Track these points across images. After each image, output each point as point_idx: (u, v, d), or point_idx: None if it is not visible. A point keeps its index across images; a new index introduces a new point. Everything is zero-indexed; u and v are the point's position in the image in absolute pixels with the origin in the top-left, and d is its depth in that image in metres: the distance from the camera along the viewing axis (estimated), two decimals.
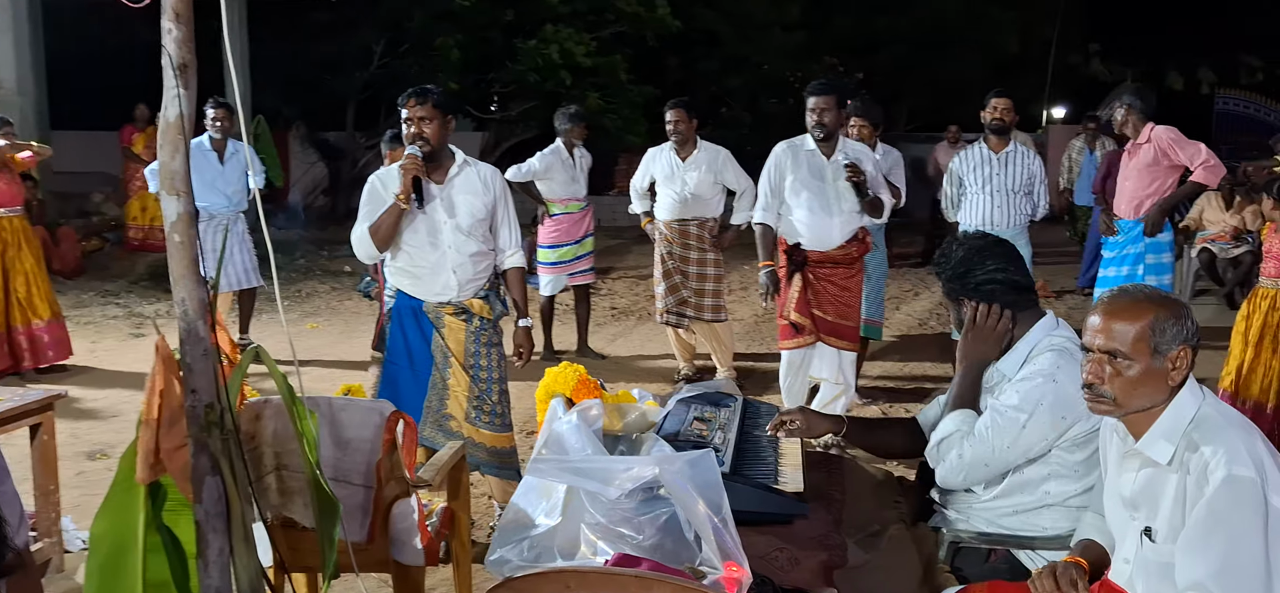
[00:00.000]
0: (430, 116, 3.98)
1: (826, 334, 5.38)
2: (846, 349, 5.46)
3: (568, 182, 7.44)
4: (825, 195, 5.27)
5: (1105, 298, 2.28)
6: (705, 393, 3.33)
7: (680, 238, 6.75)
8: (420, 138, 3.99)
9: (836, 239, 5.31)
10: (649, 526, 2.43)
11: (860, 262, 5.46)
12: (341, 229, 13.88)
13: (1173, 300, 2.22)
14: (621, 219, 17.72)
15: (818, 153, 5.30)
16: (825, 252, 5.30)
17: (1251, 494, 2.03)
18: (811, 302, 5.34)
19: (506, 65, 15.72)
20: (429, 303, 4.09)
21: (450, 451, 3.31)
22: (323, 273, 11.43)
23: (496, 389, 4.18)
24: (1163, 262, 5.84)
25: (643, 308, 10.02)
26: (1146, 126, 5.77)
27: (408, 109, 3.99)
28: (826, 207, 5.27)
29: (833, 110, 5.20)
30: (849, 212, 5.28)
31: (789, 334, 5.44)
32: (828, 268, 5.32)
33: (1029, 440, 2.66)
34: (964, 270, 2.86)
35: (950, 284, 2.91)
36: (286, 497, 2.72)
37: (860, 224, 5.37)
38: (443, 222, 4.08)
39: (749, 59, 18.54)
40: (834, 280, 5.35)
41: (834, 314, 5.36)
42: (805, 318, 5.33)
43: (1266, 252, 5.12)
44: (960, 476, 2.75)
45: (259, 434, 2.71)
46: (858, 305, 5.50)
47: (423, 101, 3.97)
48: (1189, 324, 2.18)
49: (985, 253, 2.85)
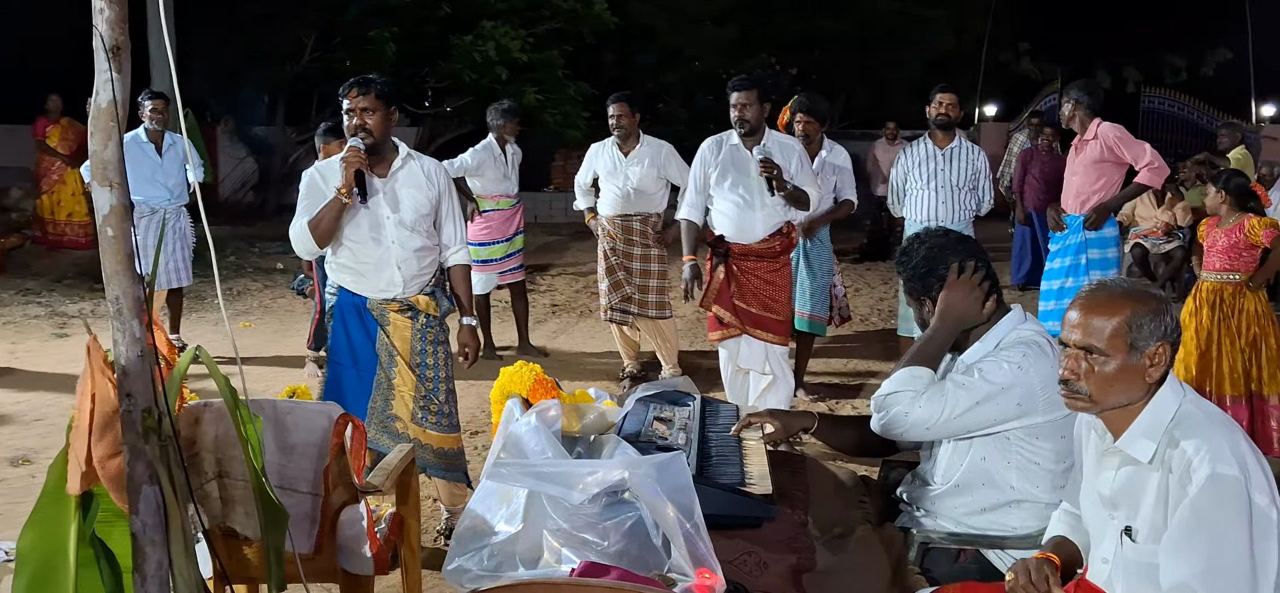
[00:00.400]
0: (373, 107, 3.84)
1: (751, 326, 5.40)
2: (773, 342, 5.44)
3: (499, 178, 7.30)
4: (748, 189, 5.30)
5: (1083, 293, 2.23)
6: (663, 392, 3.24)
7: (624, 234, 6.66)
8: (363, 130, 3.84)
9: (759, 233, 5.32)
10: (614, 531, 2.34)
11: (785, 256, 5.46)
12: (272, 226, 13.60)
13: (1152, 296, 2.18)
14: (558, 215, 17.61)
15: (741, 147, 5.30)
16: (748, 245, 5.34)
17: (1235, 493, 2.00)
18: (735, 294, 5.37)
19: (441, 62, 15.49)
20: (373, 300, 3.94)
21: (399, 454, 3.18)
22: (254, 270, 11.13)
23: (444, 389, 4.05)
24: (1108, 257, 5.87)
25: (583, 304, 9.91)
26: (1094, 123, 5.80)
27: (350, 100, 3.84)
28: (749, 201, 5.30)
29: (754, 105, 5.20)
30: (772, 206, 5.29)
31: (715, 326, 5.49)
32: (751, 261, 5.35)
33: (980, 417, 2.63)
34: (928, 268, 2.81)
35: (915, 283, 2.85)
36: (228, 506, 2.58)
37: (785, 219, 5.38)
38: (386, 217, 3.93)
39: (684, 54, 18.53)
40: (758, 273, 5.37)
41: (758, 307, 5.38)
42: (727, 310, 5.36)
43: (1209, 247, 5.16)
44: (900, 428, 2.72)
45: (199, 440, 2.56)
46: (785, 299, 5.49)
47: (366, 91, 3.83)
48: (1168, 320, 2.14)
49: (951, 249, 2.80)
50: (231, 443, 2.55)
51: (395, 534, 3.16)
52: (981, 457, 2.68)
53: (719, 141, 5.41)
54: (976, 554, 2.72)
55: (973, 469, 2.70)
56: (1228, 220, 5.07)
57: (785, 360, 5.52)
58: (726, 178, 5.32)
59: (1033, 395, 2.59)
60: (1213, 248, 5.12)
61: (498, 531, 2.42)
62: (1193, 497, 2.02)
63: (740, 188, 5.30)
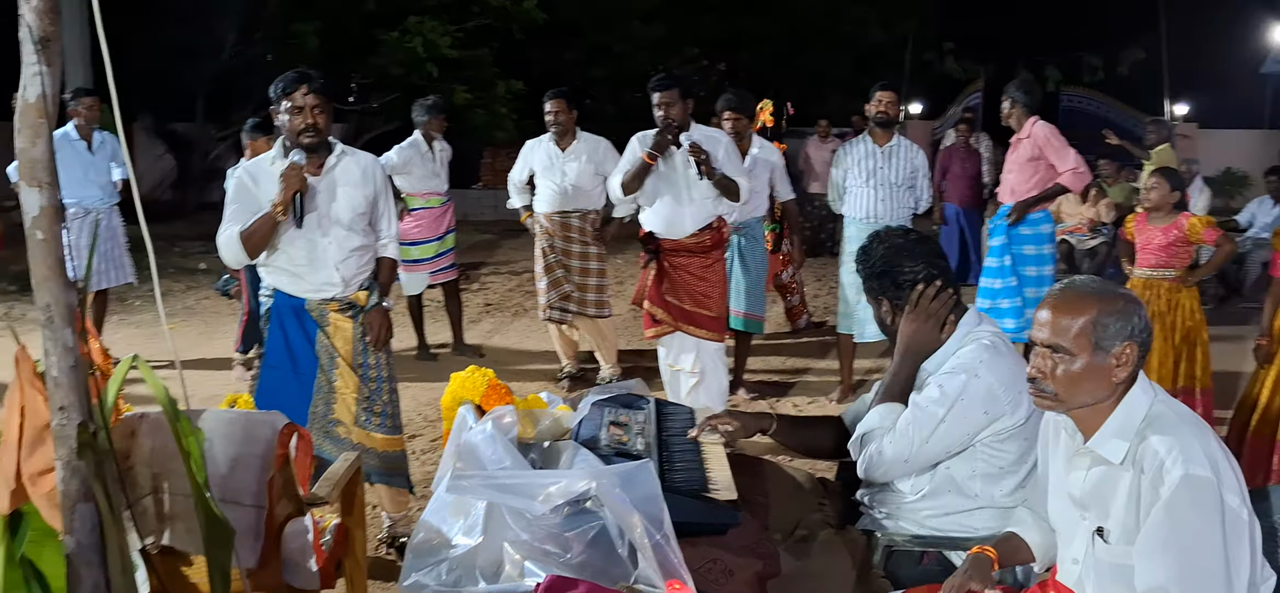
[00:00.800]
0: (323, 106, 3.70)
1: (683, 322, 5.39)
2: (707, 338, 5.42)
3: (428, 176, 7.16)
4: (676, 185, 5.28)
5: (1053, 292, 2.22)
6: (617, 395, 3.17)
7: (562, 231, 6.57)
8: (313, 129, 3.69)
9: (688, 228, 5.31)
10: (577, 542, 2.26)
11: (717, 251, 5.45)
12: (193, 224, 13.23)
13: (1120, 296, 2.16)
14: (488, 213, 17.43)
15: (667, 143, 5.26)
16: (678, 240, 5.32)
17: (1208, 494, 1.99)
18: (667, 290, 5.36)
19: (368, 57, 15.21)
20: (312, 301, 3.79)
21: (345, 462, 3.06)
22: (176, 271, 10.82)
23: (387, 389, 3.93)
24: (1044, 253, 5.94)
25: (517, 303, 9.80)
26: (1030, 121, 5.86)
27: (298, 97, 3.65)
28: (677, 196, 5.28)
29: (677, 103, 5.18)
30: (700, 200, 5.27)
31: (649, 323, 5.47)
32: (682, 257, 5.33)
33: (950, 435, 2.60)
34: (886, 268, 2.78)
35: (873, 282, 2.82)
36: (166, 521, 2.44)
37: (715, 213, 5.36)
38: (323, 215, 3.79)
39: (612, 51, 18.47)
40: (689, 270, 5.36)
41: (690, 303, 5.37)
42: (659, 307, 5.34)
43: (1144, 244, 5.22)
44: (881, 471, 2.67)
45: (134, 453, 2.42)
46: (717, 295, 5.47)
47: (315, 87, 3.67)
48: (1136, 320, 2.13)
49: (909, 251, 2.77)
50: (169, 456, 2.41)
51: (340, 546, 3.04)
52: (947, 467, 2.66)
53: (645, 138, 5.37)
54: (940, 556, 2.69)
55: (939, 478, 2.68)
56: (1163, 218, 5.14)
57: (719, 358, 5.50)
58: (655, 174, 5.29)
59: (996, 398, 2.57)
60: (1147, 245, 5.18)
61: (456, 544, 2.32)
62: (1166, 499, 2.01)
63: (668, 183, 5.27)
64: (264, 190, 3.73)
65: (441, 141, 7.32)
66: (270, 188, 3.71)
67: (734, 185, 5.24)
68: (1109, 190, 10.84)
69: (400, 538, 4.16)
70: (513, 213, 7.20)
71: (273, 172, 3.73)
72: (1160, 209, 5.13)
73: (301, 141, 3.71)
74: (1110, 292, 2.17)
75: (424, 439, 5.54)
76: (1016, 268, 5.94)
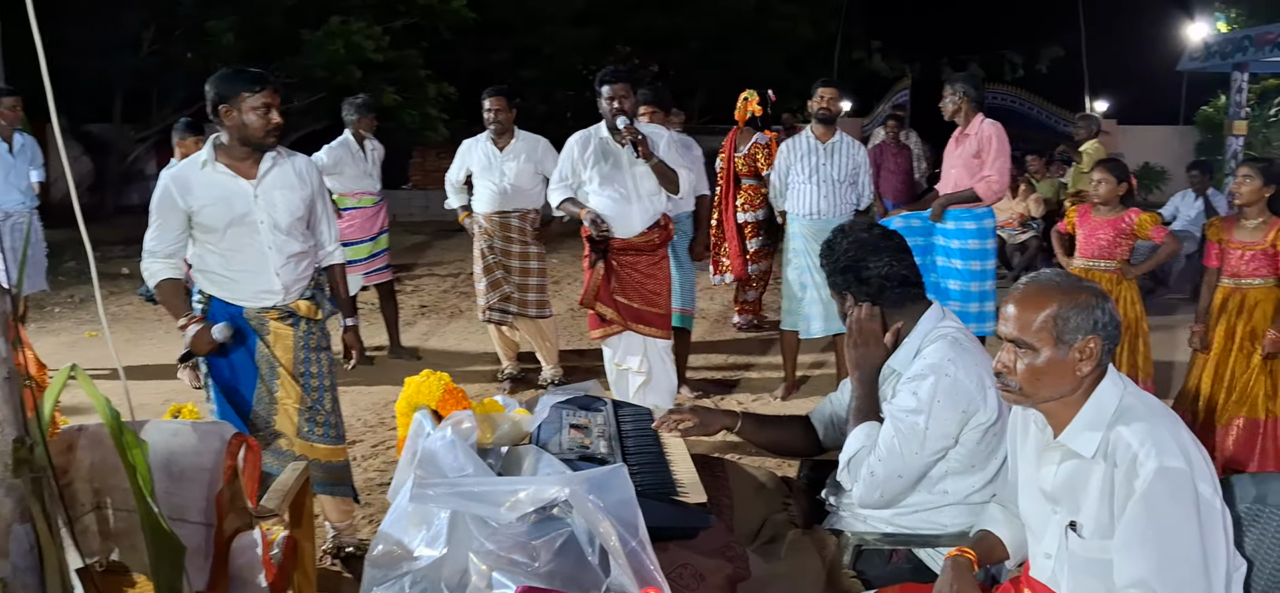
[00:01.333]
0: (278, 105, 3.57)
1: (633, 321, 5.32)
2: (655, 336, 5.38)
3: (359, 175, 6.99)
4: (623, 183, 5.21)
5: (1018, 286, 2.20)
6: (574, 396, 3.10)
7: (501, 231, 6.46)
8: (276, 130, 3.57)
9: (637, 226, 5.24)
10: (545, 550, 2.19)
11: (664, 249, 5.40)
12: (113, 228, 12.82)
13: (1083, 290, 2.14)
14: (418, 214, 17.21)
15: (611, 141, 5.22)
16: (627, 239, 5.24)
17: (1183, 486, 1.98)
18: (615, 290, 5.28)
19: (289, 56, 14.87)
20: (250, 309, 3.63)
21: (294, 473, 2.93)
22: (98, 275, 10.43)
23: (329, 397, 3.79)
24: (987, 248, 5.97)
25: (453, 304, 9.65)
26: (977, 118, 5.86)
27: (263, 97, 3.51)
28: (625, 194, 5.21)
29: (630, 97, 5.13)
30: (648, 198, 5.22)
31: (597, 323, 5.39)
32: (630, 255, 5.26)
33: (934, 440, 2.57)
34: (850, 263, 2.74)
35: (837, 277, 2.78)
36: (109, 539, 2.31)
37: (661, 210, 5.30)
38: (260, 221, 3.62)
39: (541, 51, 18.35)
40: (637, 268, 5.30)
41: (639, 301, 5.31)
42: (608, 307, 5.27)
43: (1087, 235, 5.25)
44: (877, 493, 2.62)
45: (73, 468, 2.28)
46: (665, 292, 5.42)
47: (275, 86, 3.55)
48: (1098, 314, 2.11)
49: (874, 247, 2.73)
50: (111, 470, 2.28)
51: (290, 560, 2.92)
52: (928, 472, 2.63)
53: (587, 136, 5.29)
54: (909, 554, 2.66)
55: None
56: (1110, 211, 5.19)
57: (667, 355, 5.44)
58: (600, 173, 5.21)
59: (970, 394, 2.55)
60: (1092, 236, 5.22)
61: (418, 555, 2.23)
62: (1142, 493, 2.00)
63: (615, 182, 5.20)
64: (195, 198, 3.56)
65: (373, 140, 7.16)
66: (201, 195, 3.55)
67: (672, 173, 5.17)
68: (1037, 186, 11.02)
69: (346, 548, 4.03)
70: (447, 213, 7.07)
71: (203, 177, 3.58)
72: (1108, 202, 5.18)
73: (265, 143, 3.58)
74: (1073, 286, 2.15)
75: (365, 445, 5.40)
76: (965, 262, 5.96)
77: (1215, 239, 4.89)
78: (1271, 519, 2.23)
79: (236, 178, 3.59)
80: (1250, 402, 4.82)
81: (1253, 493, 2.27)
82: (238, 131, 3.53)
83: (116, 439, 2.05)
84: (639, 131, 5.03)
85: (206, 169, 3.58)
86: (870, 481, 2.59)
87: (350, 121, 7.01)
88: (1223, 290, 4.86)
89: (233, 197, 3.57)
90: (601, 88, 5.11)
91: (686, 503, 2.44)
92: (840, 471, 2.68)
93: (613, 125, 5.12)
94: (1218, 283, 4.89)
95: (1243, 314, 4.80)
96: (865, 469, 2.60)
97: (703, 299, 8.85)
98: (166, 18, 14.21)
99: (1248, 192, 4.72)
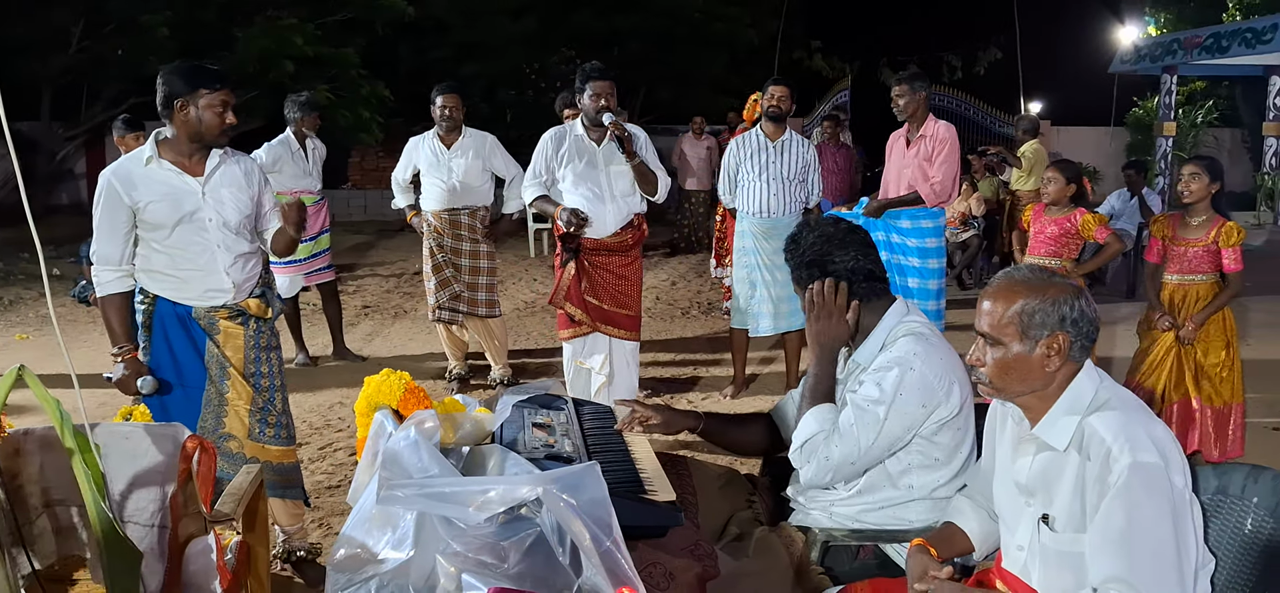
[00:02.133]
0: (231, 104, 3.48)
1: (601, 322, 5.30)
2: (623, 338, 5.37)
3: (299, 174, 6.86)
4: (598, 182, 5.18)
5: (991, 281, 2.21)
6: (534, 395, 3.06)
7: (451, 229, 6.38)
8: (231, 129, 3.49)
9: (610, 226, 5.22)
10: (514, 551, 2.14)
11: (636, 250, 5.38)
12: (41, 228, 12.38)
13: (1052, 286, 2.14)
14: (358, 214, 17.01)
15: (586, 138, 5.19)
16: (599, 239, 5.21)
17: (1157, 480, 1.99)
18: (586, 290, 5.24)
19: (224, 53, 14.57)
20: (199, 308, 3.54)
21: (247, 476, 2.85)
22: (27, 277, 10.16)
23: (280, 397, 3.71)
24: (942, 246, 6.04)
25: (397, 304, 9.53)
26: (929, 118, 5.92)
27: (221, 95, 3.42)
28: (599, 193, 5.18)
29: (614, 95, 5.09)
30: (622, 198, 5.20)
31: (566, 323, 5.34)
32: (603, 255, 5.23)
33: (893, 431, 2.56)
34: (816, 256, 2.72)
35: (802, 271, 2.76)
36: (65, 536, 2.23)
37: (635, 211, 5.28)
38: (208, 219, 3.53)
39: (481, 48, 18.19)
40: (610, 268, 5.27)
41: (610, 302, 5.29)
42: (579, 307, 5.23)
43: (1037, 233, 5.29)
44: (828, 475, 2.60)
45: (22, 472, 2.20)
46: (636, 294, 5.41)
47: (230, 85, 3.47)
48: (1067, 309, 2.10)
49: (841, 241, 2.71)
50: (62, 469, 2.21)
51: (243, 565, 2.84)
52: (881, 462, 2.63)
53: (562, 133, 5.25)
54: (877, 549, 2.66)
55: (874, 473, 2.64)
56: (1059, 210, 5.25)
57: (633, 358, 5.44)
58: (574, 171, 5.17)
59: (932, 389, 2.55)
60: (1041, 234, 5.29)
61: (384, 559, 2.17)
62: (1117, 489, 2.00)
63: (589, 181, 5.16)
64: (140, 194, 3.45)
65: (314, 139, 7.04)
66: (146, 192, 3.44)
67: (653, 175, 5.16)
68: (979, 185, 11.17)
69: (297, 552, 3.95)
70: (389, 213, 7.01)
71: (147, 173, 3.46)
72: (1057, 202, 5.23)
73: (218, 142, 3.51)
74: (1041, 282, 2.16)
75: (311, 449, 5.30)
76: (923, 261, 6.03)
77: (1159, 236, 4.98)
78: (1233, 511, 2.26)
79: (183, 175, 3.49)
80: (1184, 387, 4.93)
81: (1213, 484, 2.30)
82: (190, 129, 3.43)
83: (70, 443, 1.98)
84: (625, 128, 5.00)
85: (151, 165, 3.47)
86: (825, 464, 2.57)
87: (293, 120, 6.88)
88: (1168, 288, 4.94)
89: (180, 194, 3.47)
90: (585, 85, 5.06)
91: (656, 501, 2.41)
92: (792, 451, 2.65)
93: (595, 121, 5.07)
94: (1161, 279, 4.98)
95: (1185, 308, 4.89)
96: (821, 454, 2.57)
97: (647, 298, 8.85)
98: (96, 13, 13.83)
99: (1197, 188, 4.80)
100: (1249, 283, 5.39)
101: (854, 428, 2.55)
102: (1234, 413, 4.96)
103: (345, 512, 4.38)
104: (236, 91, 3.59)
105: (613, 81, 5.11)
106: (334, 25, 15.88)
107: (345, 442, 5.40)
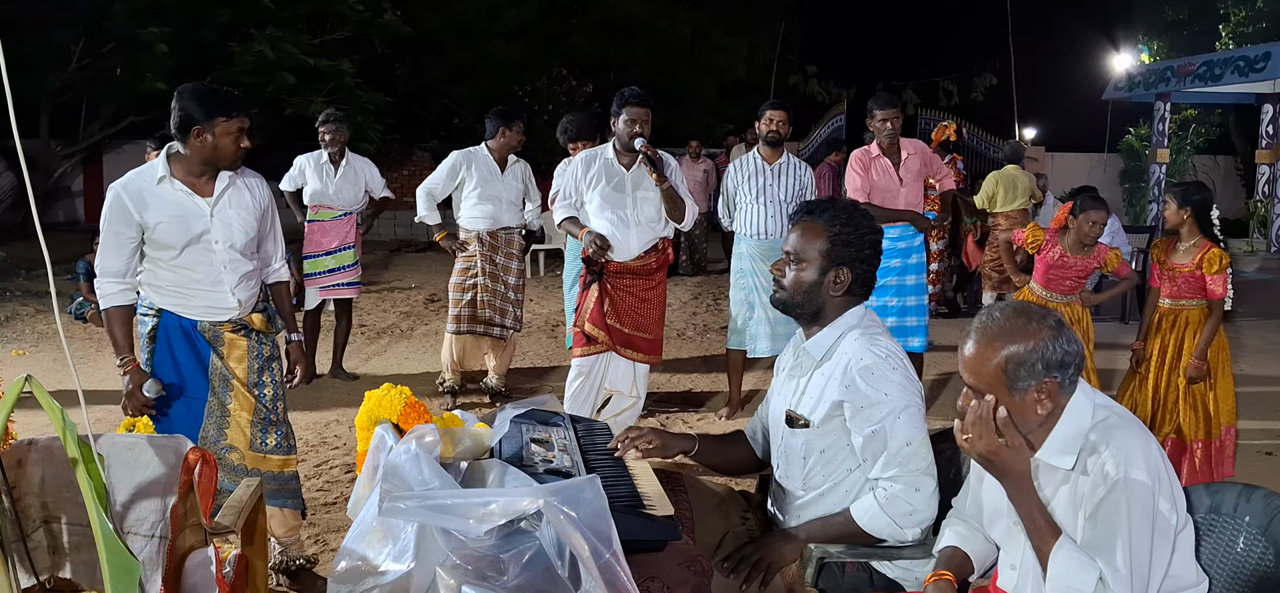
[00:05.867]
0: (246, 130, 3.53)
1: (620, 345, 5.35)
2: (642, 362, 5.41)
3: (319, 190, 6.97)
4: (623, 206, 5.25)
5: (971, 330, 2.19)
6: (531, 410, 3.08)
7: (505, 246, 6.56)
8: (246, 154, 3.55)
9: (634, 250, 5.28)
10: (514, 564, 2.16)
11: (660, 273, 5.42)
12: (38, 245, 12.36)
13: (1031, 330, 2.10)
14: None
15: (615, 163, 5.27)
16: (624, 262, 5.27)
17: (1144, 499, 2.01)
18: (608, 312, 5.28)
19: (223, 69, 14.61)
20: (204, 322, 3.57)
21: (248, 488, 2.87)
22: (24, 294, 10.15)
23: (280, 407, 3.74)
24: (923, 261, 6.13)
25: (396, 326, 9.53)
26: (902, 140, 6.06)
27: (238, 122, 3.47)
28: (624, 217, 5.25)
29: (649, 121, 5.18)
30: (647, 222, 5.27)
31: (582, 342, 5.36)
32: (627, 279, 5.29)
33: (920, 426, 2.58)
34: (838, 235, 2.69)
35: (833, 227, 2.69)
36: (63, 555, 2.24)
37: (660, 235, 5.34)
38: (216, 241, 3.56)
39: (477, 68, 18.26)
40: (633, 292, 5.33)
41: (630, 326, 5.34)
42: (599, 328, 5.25)
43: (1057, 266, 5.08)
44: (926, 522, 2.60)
45: (23, 483, 2.21)
46: (658, 318, 5.47)
47: (247, 112, 3.52)
48: (1050, 352, 2.08)
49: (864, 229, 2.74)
50: (62, 484, 2.22)
51: (242, 578, 2.85)
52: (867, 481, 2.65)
53: (592, 156, 5.32)
54: (866, 566, 2.68)
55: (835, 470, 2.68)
56: (1086, 250, 5.12)
57: (644, 379, 5.50)
58: (601, 194, 5.23)
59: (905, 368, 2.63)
60: (1061, 271, 5.10)
61: (384, 570, 2.19)
62: (1104, 500, 2.03)
63: (615, 205, 5.22)
64: (150, 214, 3.47)
65: (354, 159, 7.15)
66: (157, 212, 3.47)
67: (681, 202, 5.22)
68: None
69: (294, 564, 3.96)
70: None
71: (158, 192, 3.49)
72: (1088, 243, 5.11)
73: (234, 166, 3.57)
74: (1020, 328, 2.11)
75: (307, 466, 5.29)
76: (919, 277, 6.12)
77: (1157, 261, 5.04)
78: (1225, 529, 2.29)
79: (193, 196, 3.52)
80: (1175, 423, 4.96)
81: (1207, 503, 2.33)
82: (205, 154, 3.48)
83: (75, 454, 2.00)
84: (658, 154, 5.05)
85: (163, 184, 3.50)
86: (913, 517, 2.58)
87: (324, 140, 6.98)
88: (1161, 310, 5.01)
89: (189, 216, 3.51)
90: (621, 109, 5.13)
91: (655, 516, 2.42)
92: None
93: (628, 146, 5.13)
94: (1157, 303, 5.04)
95: (1175, 331, 4.95)
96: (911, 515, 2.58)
97: None
98: (96, 32, 13.86)
99: (1168, 215, 4.93)
100: (1242, 309, 5.45)
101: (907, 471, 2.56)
102: (1227, 437, 4.99)
103: (341, 527, 4.39)
104: None
105: (650, 109, 5.20)
106: (332, 43, 15.95)
107: (341, 458, 5.41)
